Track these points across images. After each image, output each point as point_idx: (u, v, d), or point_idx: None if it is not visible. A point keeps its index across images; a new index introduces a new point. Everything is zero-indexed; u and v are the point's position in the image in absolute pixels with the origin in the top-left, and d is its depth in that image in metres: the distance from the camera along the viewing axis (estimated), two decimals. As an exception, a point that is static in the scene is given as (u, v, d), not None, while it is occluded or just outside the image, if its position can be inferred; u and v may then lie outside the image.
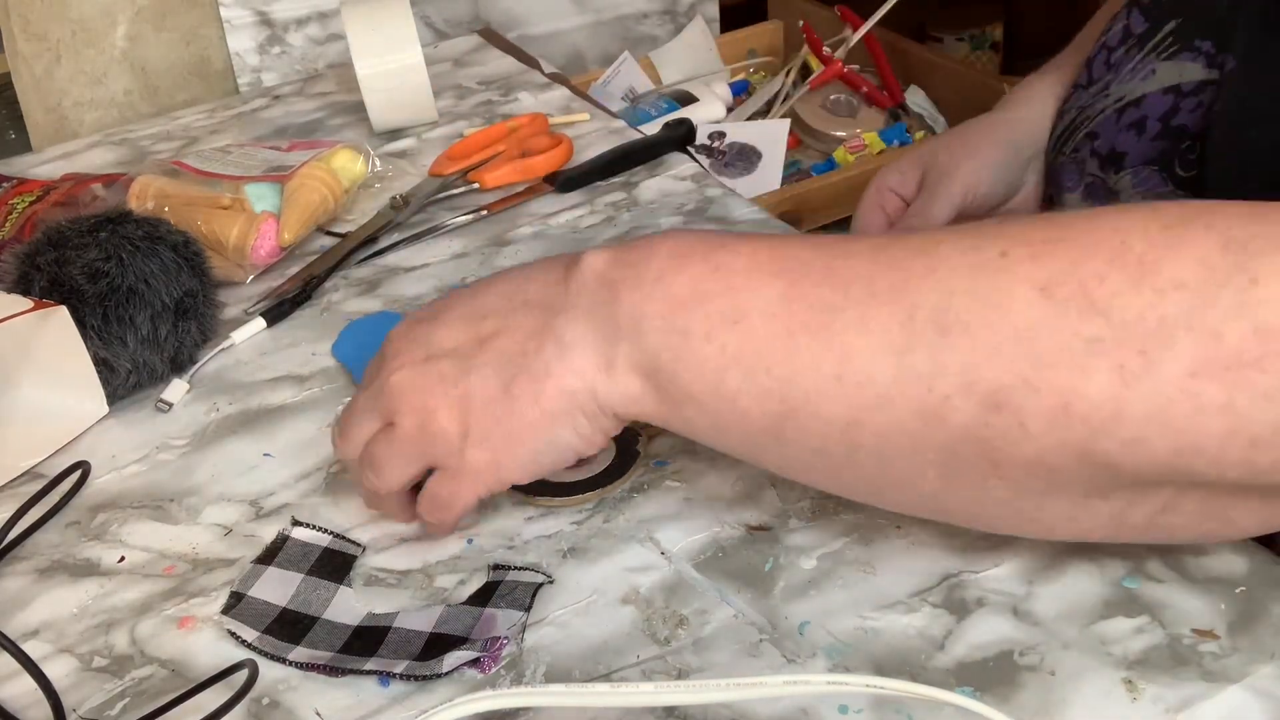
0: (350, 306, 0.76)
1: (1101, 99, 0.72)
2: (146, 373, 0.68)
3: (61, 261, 0.66)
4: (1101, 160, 0.71)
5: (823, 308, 0.45)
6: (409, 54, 0.94)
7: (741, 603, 0.51)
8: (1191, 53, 0.67)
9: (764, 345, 0.45)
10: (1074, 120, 0.75)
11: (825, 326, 0.44)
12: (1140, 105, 0.69)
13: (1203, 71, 0.66)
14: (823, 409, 0.44)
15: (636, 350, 0.47)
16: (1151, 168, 0.67)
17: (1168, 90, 0.68)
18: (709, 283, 0.46)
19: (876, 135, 1.36)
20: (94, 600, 0.55)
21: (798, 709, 0.46)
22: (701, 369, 0.46)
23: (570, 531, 0.56)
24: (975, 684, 0.47)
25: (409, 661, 0.50)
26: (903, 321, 0.43)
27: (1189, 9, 0.69)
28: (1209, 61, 0.66)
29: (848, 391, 0.44)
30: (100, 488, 0.63)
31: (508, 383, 0.49)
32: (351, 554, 0.56)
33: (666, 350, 0.47)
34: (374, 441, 0.53)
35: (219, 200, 0.81)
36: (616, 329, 0.48)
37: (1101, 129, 0.72)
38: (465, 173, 0.88)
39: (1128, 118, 0.70)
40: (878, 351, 0.43)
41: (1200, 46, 0.67)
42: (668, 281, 0.47)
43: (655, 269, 0.48)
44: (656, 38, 1.38)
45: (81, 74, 1.08)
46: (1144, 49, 0.71)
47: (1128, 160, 0.69)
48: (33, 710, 0.50)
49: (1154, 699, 0.45)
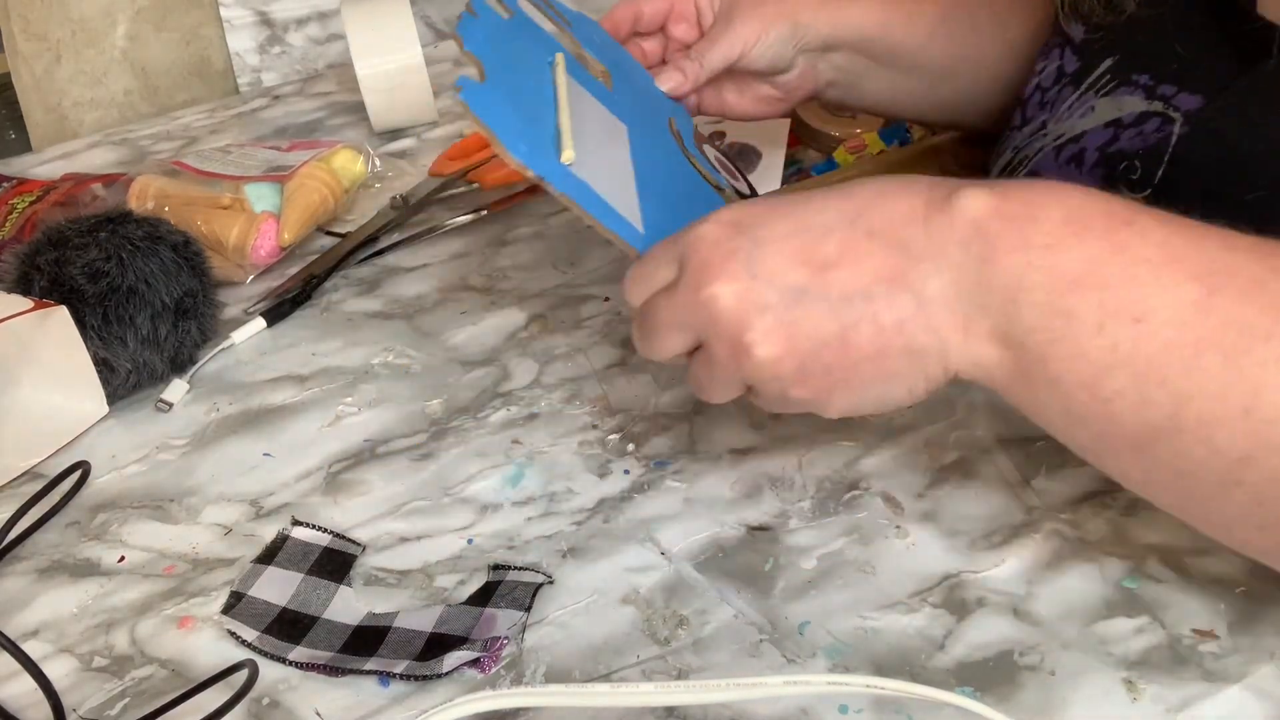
0: (350, 306, 0.76)
1: (1039, 138, 0.73)
2: (146, 373, 0.68)
3: (61, 261, 0.66)
4: None
5: (1244, 329, 0.39)
6: (409, 54, 0.94)
7: (741, 603, 0.51)
8: (1130, 86, 0.68)
9: (1163, 354, 0.40)
10: (1011, 160, 0.75)
11: (1244, 352, 0.39)
12: (1079, 141, 0.70)
13: (1143, 103, 0.66)
14: (1216, 437, 0.40)
15: (1006, 321, 0.42)
16: None
17: (1108, 124, 0.68)
18: (1110, 265, 0.41)
19: (876, 135, 1.36)
20: (94, 600, 0.56)
21: (798, 709, 0.46)
22: (1081, 361, 0.41)
23: (570, 531, 0.56)
24: (975, 684, 0.47)
25: (409, 661, 0.50)
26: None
27: (1125, 46, 0.69)
28: (1148, 94, 0.66)
29: (1254, 427, 0.39)
30: (100, 488, 0.63)
31: (847, 327, 0.44)
32: (351, 554, 0.56)
33: (1044, 331, 0.41)
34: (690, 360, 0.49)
35: (219, 200, 0.81)
36: (988, 293, 0.42)
37: (1042, 167, 0.72)
38: (465, 173, 0.88)
39: (1066, 153, 0.70)
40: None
41: (1138, 80, 0.67)
42: (1059, 252, 0.41)
43: (1046, 233, 0.42)
44: (656, 38, 1.37)
45: (81, 74, 1.08)
46: (1080, 87, 0.71)
47: None
48: (33, 710, 0.50)
49: (1154, 699, 0.45)
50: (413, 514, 0.58)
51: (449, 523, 0.58)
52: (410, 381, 0.68)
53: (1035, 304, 0.41)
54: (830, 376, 0.45)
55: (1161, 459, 0.41)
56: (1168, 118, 0.65)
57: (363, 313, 0.75)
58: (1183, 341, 0.40)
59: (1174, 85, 0.66)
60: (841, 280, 0.44)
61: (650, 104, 0.70)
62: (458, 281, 0.77)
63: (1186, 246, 0.41)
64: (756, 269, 0.45)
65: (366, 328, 0.73)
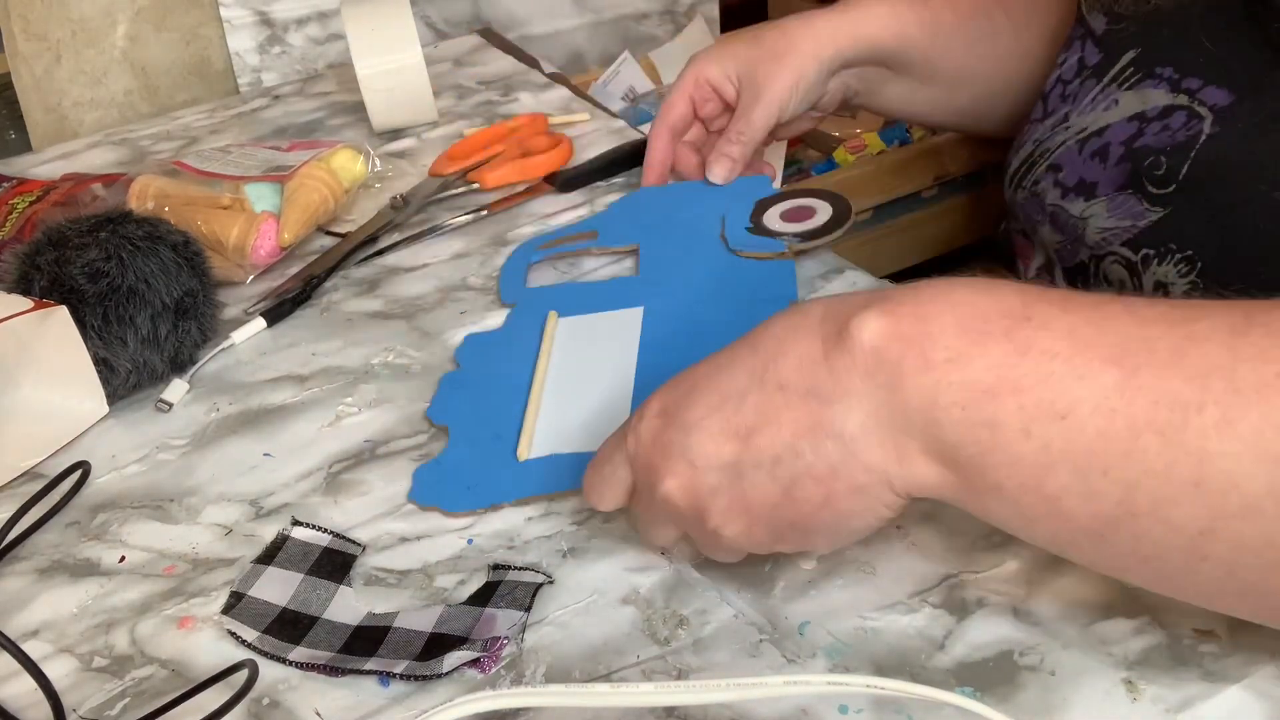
0: (350, 306, 0.76)
1: (1061, 131, 0.72)
2: (146, 373, 0.68)
3: (61, 261, 0.66)
4: (1065, 190, 0.71)
5: (1174, 403, 0.38)
6: (409, 54, 0.94)
7: (741, 603, 0.51)
8: (1154, 79, 0.68)
9: (1099, 444, 0.39)
10: (1031, 154, 0.75)
11: (1180, 428, 0.38)
12: (1103, 135, 0.69)
13: (1167, 96, 0.66)
14: (1173, 516, 0.39)
15: (933, 441, 0.42)
16: (1125, 192, 0.68)
17: (1132, 118, 0.68)
18: (1020, 368, 0.40)
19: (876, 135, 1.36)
20: (94, 600, 0.55)
21: (798, 709, 0.46)
22: (1018, 466, 0.40)
23: (570, 531, 0.56)
24: (975, 684, 0.47)
25: (409, 661, 0.50)
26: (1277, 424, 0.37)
27: (1148, 39, 0.69)
28: (1172, 86, 0.66)
29: (1208, 499, 0.38)
30: (100, 488, 0.63)
31: (788, 487, 0.44)
32: (351, 554, 0.56)
33: (971, 445, 0.41)
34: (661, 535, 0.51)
35: (219, 200, 0.81)
36: (905, 419, 0.42)
37: (1064, 161, 0.71)
38: (465, 173, 0.88)
39: (1090, 147, 0.70)
40: (1248, 458, 0.37)
41: (1162, 73, 0.67)
42: (964, 365, 0.41)
43: (945, 347, 0.41)
44: (656, 38, 1.38)
45: (81, 74, 1.08)
46: (1102, 80, 0.71)
47: (1099, 189, 0.69)
48: (33, 710, 0.50)
49: (1154, 699, 0.45)
50: (413, 514, 0.58)
51: (449, 523, 0.58)
52: (410, 381, 0.68)
53: (955, 421, 0.41)
54: (798, 528, 0.46)
55: (1124, 546, 0.41)
56: (1194, 113, 0.65)
57: (363, 313, 0.75)
58: (1115, 428, 0.39)
59: (1199, 79, 0.65)
60: (767, 444, 0.44)
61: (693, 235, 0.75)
62: (458, 281, 0.77)
63: (1093, 330, 0.40)
64: (693, 457, 0.46)
65: (366, 328, 0.73)
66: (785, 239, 0.72)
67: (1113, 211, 0.68)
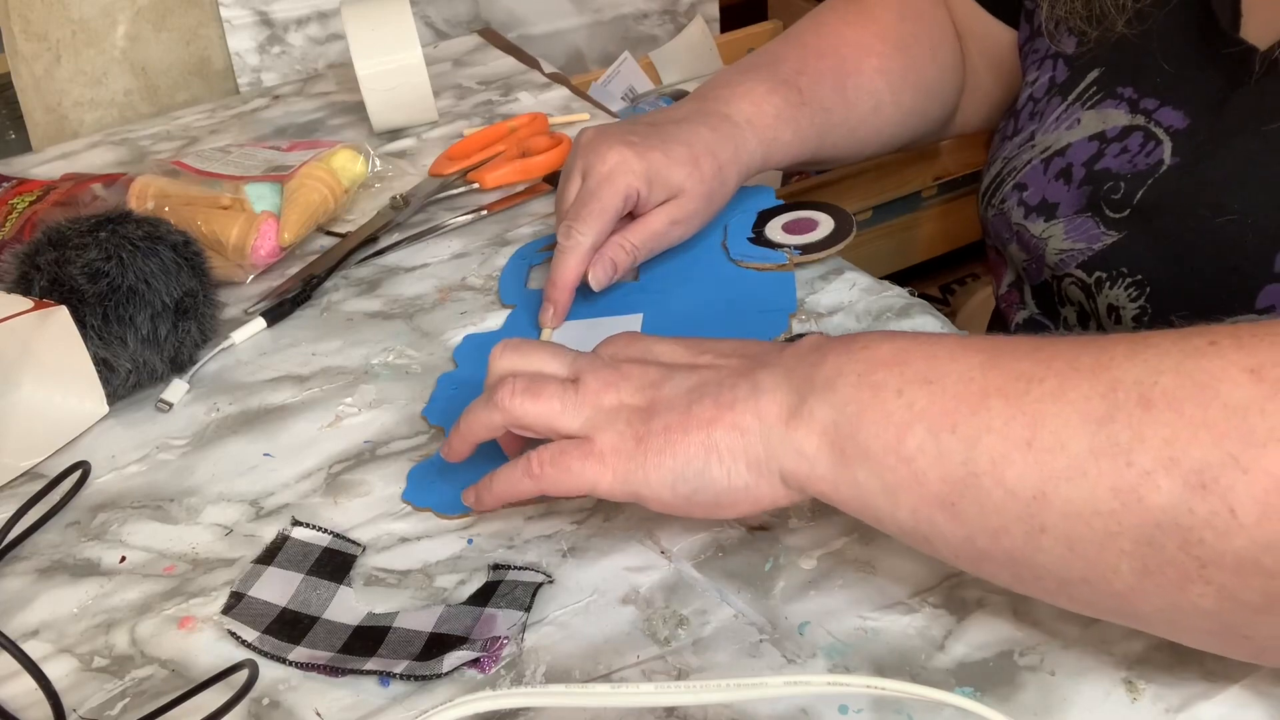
0: (350, 306, 0.76)
1: (1027, 149, 0.73)
2: (146, 373, 0.68)
3: (61, 261, 0.66)
4: (1029, 210, 0.72)
5: (1020, 376, 0.43)
6: (409, 54, 0.94)
7: (741, 603, 0.51)
8: (1115, 99, 0.69)
9: (953, 404, 0.44)
10: (1000, 172, 0.76)
11: (1022, 393, 0.43)
12: (1065, 154, 0.70)
13: (1126, 117, 0.68)
14: (1008, 476, 0.42)
15: (823, 405, 0.47)
16: (1084, 215, 0.69)
17: (1093, 137, 0.69)
18: (913, 351, 0.46)
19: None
20: (94, 600, 0.55)
21: (798, 709, 0.46)
22: (885, 423, 0.45)
23: (570, 531, 0.56)
24: (975, 684, 0.47)
25: (409, 661, 0.50)
26: (1103, 393, 0.41)
27: (1111, 59, 0.70)
28: (1131, 107, 0.68)
29: (1038, 458, 0.42)
30: (100, 488, 0.63)
31: (692, 401, 0.49)
32: (351, 554, 0.56)
33: (853, 403, 0.46)
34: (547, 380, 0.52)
35: (219, 200, 0.81)
36: (811, 385, 0.47)
37: (1030, 180, 0.72)
38: (465, 173, 0.88)
39: (1054, 167, 0.71)
40: (1074, 419, 0.41)
41: (1123, 93, 0.69)
42: (873, 347, 0.47)
43: (864, 340, 0.48)
44: (656, 38, 1.38)
45: (81, 74, 1.08)
46: (1066, 98, 0.72)
47: (1060, 210, 0.71)
48: (33, 710, 0.50)
49: (1154, 699, 0.45)
50: (412, 514, 0.58)
51: (448, 523, 0.58)
52: (410, 382, 0.68)
53: (849, 384, 0.47)
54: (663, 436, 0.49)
55: (974, 519, 0.43)
56: (1150, 134, 0.67)
57: (363, 313, 0.75)
58: (970, 392, 0.44)
59: (1157, 100, 0.67)
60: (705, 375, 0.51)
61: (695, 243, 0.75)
62: (458, 281, 0.77)
63: (980, 339, 0.47)
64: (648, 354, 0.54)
65: (366, 328, 0.73)
66: (786, 250, 0.72)
67: (1070, 233, 0.69)
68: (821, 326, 0.67)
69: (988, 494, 0.43)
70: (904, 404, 0.45)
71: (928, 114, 0.83)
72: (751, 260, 0.72)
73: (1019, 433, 0.42)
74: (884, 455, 0.45)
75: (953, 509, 0.44)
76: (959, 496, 0.43)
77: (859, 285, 0.70)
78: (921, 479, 0.44)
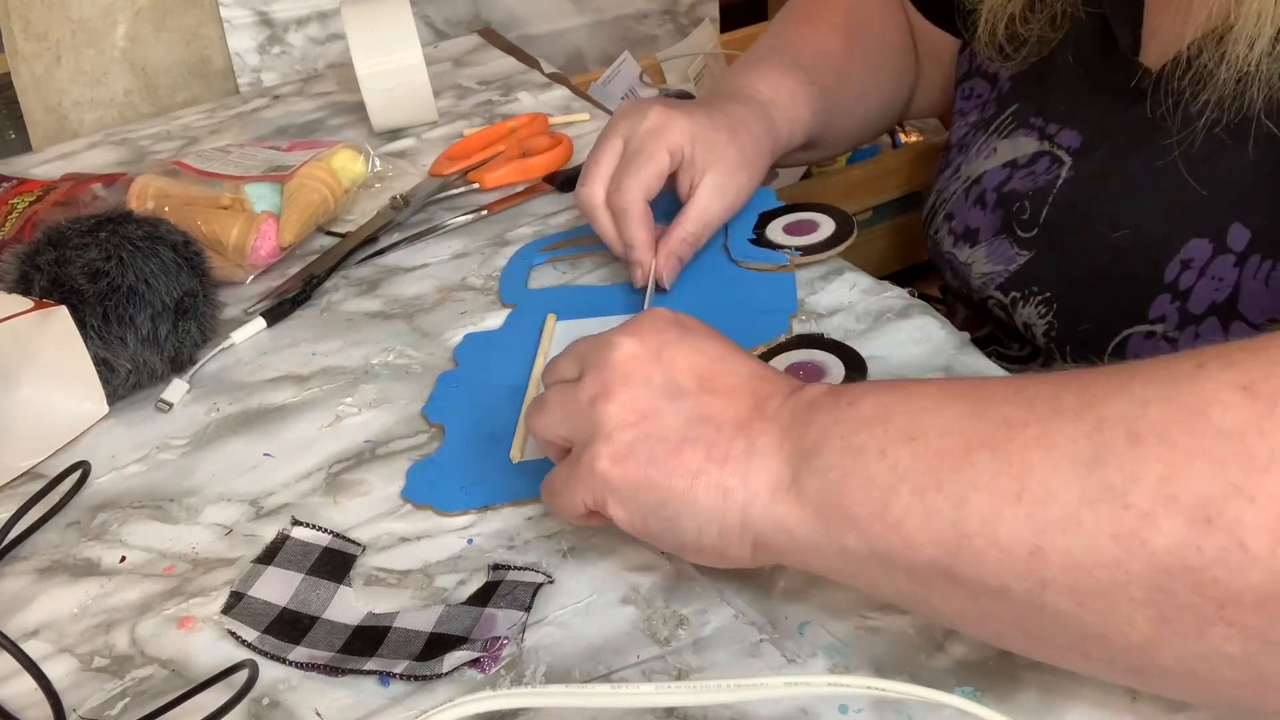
0: (350, 306, 0.76)
1: (955, 180, 0.77)
2: (146, 373, 0.68)
3: (61, 261, 0.66)
4: (956, 238, 0.75)
5: (1003, 423, 0.41)
6: (409, 54, 0.94)
7: (741, 603, 0.51)
8: (1027, 129, 0.72)
9: (937, 461, 0.42)
10: (934, 203, 0.79)
11: (1005, 441, 0.41)
12: (981, 181, 0.73)
13: (1035, 144, 0.71)
14: (1000, 534, 0.40)
15: (810, 474, 0.45)
16: (1000, 237, 0.71)
17: (1005, 164, 0.72)
18: (897, 405, 0.44)
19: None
20: (94, 600, 0.55)
21: (798, 709, 0.46)
22: (869, 488, 0.43)
23: (570, 531, 0.56)
24: (975, 684, 0.47)
25: (409, 661, 0.50)
26: (1089, 433, 0.39)
27: (1028, 91, 0.74)
28: (1040, 134, 0.71)
29: (1029, 511, 0.39)
30: (100, 488, 0.63)
31: (687, 438, 0.47)
32: (351, 554, 0.56)
33: (836, 469, 0.44)
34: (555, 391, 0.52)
35: (219, 200, 0.81)
36: (800, 452, 0.45)
37: (956, 209, 0.75)
38: (465, 173, 0.88)
39: (973, 195, 0.74)
40: (1062, 465, 0.39)
41: (1034, 123, 0.72)
42: (859, 405, 0.45)
43: (850, 395, 0.46)
44: (656, 38, 1.38)
45: (81, 74, 1.08)
46: (988, 130, 0.76)
47: (980, 234, 0.73)
48: (33, 710, 0.50)
49: (1154, 699, 0.45)
50: (413, 514, 0.58)
51: (449, 523, 0.58)
52: (410, 381, 0.68)
53: (834, 448, 0.44)
54: (647, 468, 0.47)
55: (972, 581, 0.41)
56: (1054, 157, 0.70)
57: (363, 313, 0.75)
58: (953, 446, 0.42)
59: (1058, 124, 0.70)
60: (711, 407, 0.48)
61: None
62: (458, 281, 0.77)
63: (964, 383, 0.45)
64: (663, 354, 0.50)
65: (366, 328, 0.73)
66: (787, 252, 0.72)
67: (990, 256, 0.72)
68: (821, 327, 0.67)
69: (982, 554, 0.40)
70: (887, 466, 0.43)
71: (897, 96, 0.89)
72: (752, 261, 0.72)
73: (1007, 486, 0.40)
74: (870, 522, 0.43)
75: (948, 573, 0.41)
76: (953, 559, 0.41)
77: (859, 286, 0.70)
78: (912, 544, 0.42)
